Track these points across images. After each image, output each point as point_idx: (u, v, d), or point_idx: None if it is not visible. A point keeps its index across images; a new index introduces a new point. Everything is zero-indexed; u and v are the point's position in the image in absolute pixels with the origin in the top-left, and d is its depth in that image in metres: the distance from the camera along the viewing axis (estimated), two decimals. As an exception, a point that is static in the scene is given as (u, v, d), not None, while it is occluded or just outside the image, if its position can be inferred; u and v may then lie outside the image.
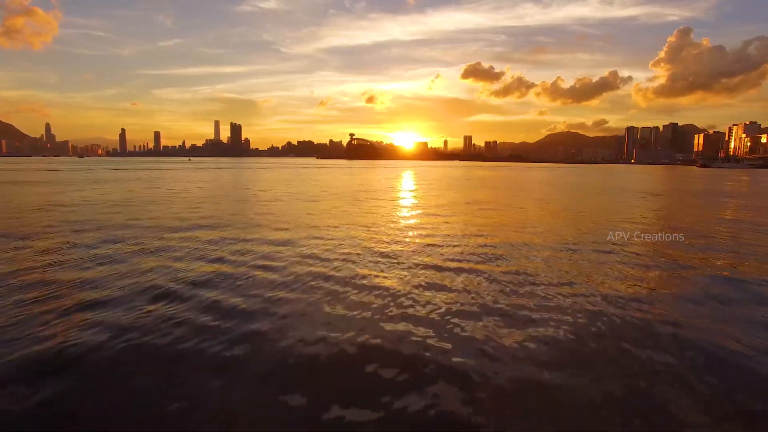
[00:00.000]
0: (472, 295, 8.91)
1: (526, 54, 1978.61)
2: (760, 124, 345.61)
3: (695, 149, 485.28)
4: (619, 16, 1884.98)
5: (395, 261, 11.89)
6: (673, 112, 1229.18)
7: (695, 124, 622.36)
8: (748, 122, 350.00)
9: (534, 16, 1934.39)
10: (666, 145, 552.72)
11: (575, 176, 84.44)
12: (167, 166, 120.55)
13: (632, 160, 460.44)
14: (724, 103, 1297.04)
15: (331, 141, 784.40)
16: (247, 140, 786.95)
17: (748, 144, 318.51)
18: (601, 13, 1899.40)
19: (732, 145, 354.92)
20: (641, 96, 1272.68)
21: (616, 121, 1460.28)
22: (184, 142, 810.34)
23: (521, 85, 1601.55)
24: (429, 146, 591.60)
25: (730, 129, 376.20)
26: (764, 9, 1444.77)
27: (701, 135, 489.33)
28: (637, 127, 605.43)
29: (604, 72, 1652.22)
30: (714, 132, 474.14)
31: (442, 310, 8.07)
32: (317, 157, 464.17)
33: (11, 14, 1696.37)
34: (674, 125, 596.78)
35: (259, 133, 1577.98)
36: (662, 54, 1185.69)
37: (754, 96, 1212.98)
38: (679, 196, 38.95)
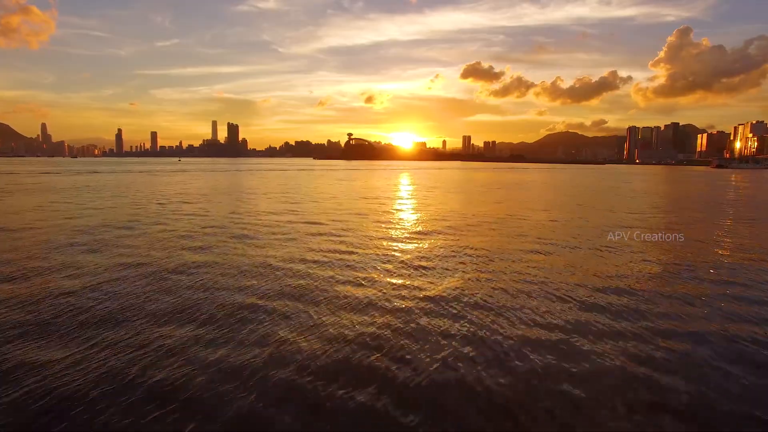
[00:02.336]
0: None
1: (524, 54, 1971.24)
2: (766, 124, 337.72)
3: (698, 149, 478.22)
4: (616, 17, 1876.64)
5: None
6: (672, 112, 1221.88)
7: (694, 124, 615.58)
8: (754, 121, 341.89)
9: (532, 16, 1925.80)
10: (668, 146, 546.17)
11: (622, 182, 76.11)
12: (148, 167, 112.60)
13: (636, 161, 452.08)
14: (722, 103, 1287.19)
15: (329, 141, 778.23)
16: (244, 140, 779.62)
17: (756, 144, 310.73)
18: (598, 14, 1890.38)
19: (738, 145, 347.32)
20: (641, 96, 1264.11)
21: (615, 121, 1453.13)
22: (181, 143, 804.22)
23: (521, 85, 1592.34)
24: (427, 146, 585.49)
25: (736, 129, 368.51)
26: (761, 9, 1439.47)
27: (704, 135, 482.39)
28: (639, 127, 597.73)
29: (601, 72, 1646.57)
30: (717, 132, 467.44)
31: None
32: (314, 158, 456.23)
33: (7, 12, 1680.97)
34: (675, 125, 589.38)
35: (257, 133, 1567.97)
36: (662, 54, 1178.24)
37: (755, 95, 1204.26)
38: None
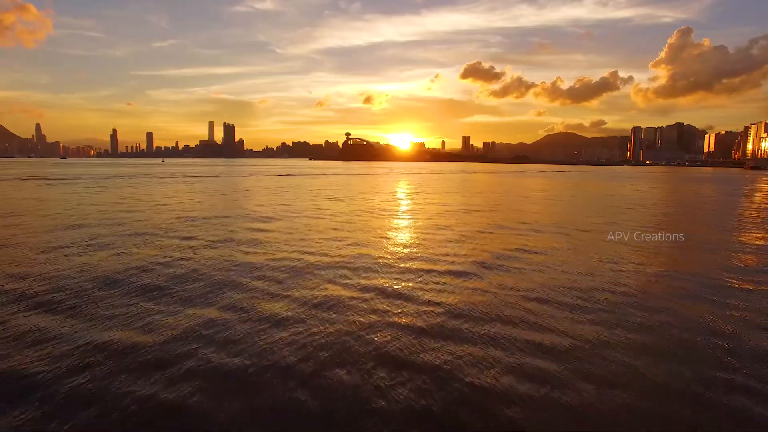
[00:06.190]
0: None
1: (520, 55, 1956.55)
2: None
3: (706, 149, 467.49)
4: (613, 18, 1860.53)
5: None
6: (671, 112, 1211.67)
7: (693, 125, 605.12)
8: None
9: (529, 18, 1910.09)
10: (671, 146, 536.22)
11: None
12: (118, 170, 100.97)
13: (647, 162, 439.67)
14: (720, 104, 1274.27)
15: (326, 141, 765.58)
16: (240, 141, 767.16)
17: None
18: (595, 15, 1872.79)
19: (750, 146, 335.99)
20: (641, 96, 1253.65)
21: (614, 122, 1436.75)
22: (177, 143, 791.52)
23: (521, 86, 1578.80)
24: (426, 147, 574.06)
25: (747, 129, 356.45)
26: (758, 11, 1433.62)
27: (712, 135, 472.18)
28: (642, 128, 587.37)
29: (599, 73, 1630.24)
30: (726, 132, 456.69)
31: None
32: (310, 158, 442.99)
33: (2, 10, 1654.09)
34: (680, 125, 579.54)
35: (254, 134, 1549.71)
36: (663, 54, 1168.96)
37: (754, 96, 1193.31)
38: None
